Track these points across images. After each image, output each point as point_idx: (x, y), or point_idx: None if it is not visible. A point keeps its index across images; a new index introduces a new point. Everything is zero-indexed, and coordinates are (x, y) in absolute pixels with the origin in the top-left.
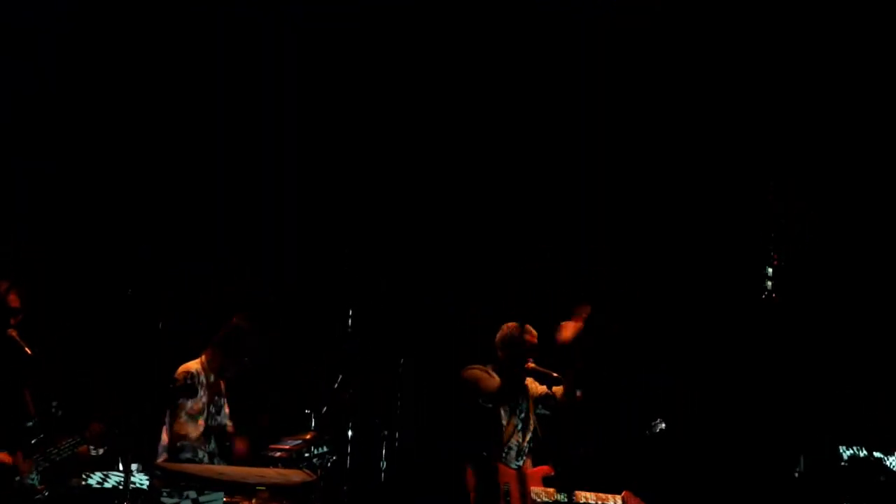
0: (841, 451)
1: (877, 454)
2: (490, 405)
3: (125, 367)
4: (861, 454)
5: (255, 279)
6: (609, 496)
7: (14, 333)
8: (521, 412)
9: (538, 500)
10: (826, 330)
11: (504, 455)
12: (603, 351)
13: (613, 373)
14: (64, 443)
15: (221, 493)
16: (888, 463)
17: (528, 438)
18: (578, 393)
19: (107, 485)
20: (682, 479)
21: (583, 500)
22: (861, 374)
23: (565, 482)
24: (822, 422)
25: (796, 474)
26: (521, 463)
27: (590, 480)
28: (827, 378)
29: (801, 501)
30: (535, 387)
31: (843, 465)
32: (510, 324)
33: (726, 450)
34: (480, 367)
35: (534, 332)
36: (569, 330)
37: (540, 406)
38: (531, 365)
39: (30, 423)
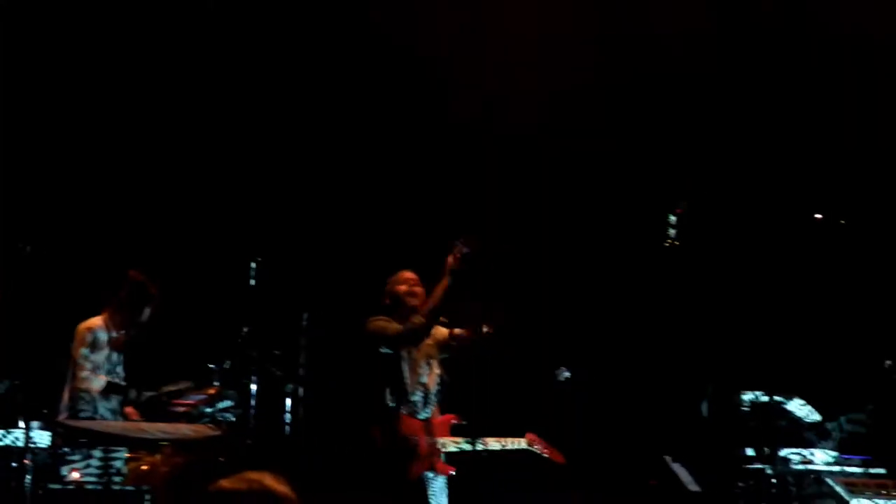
0: (742, 396)
1: (777, 398)
2: (391, 351)
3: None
4: (762, 399)
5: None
6: (514, 439)
7: None
8: (424, 360)
9: (446, 449)
10: (728, 276)
11: (410, 406)
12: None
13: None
14: None
15: (124, 449)
16: (788, 407)
17: (434, 386)
18: (486, 327)
19: (5, 442)
20: (584, 424)
21: (489, 446)
22: (761, 320)
23: (472, 429)
24: (723, 367)
25: (698, 419)
26: (428, 413)
27: (495, 426)
28: (727, 324)
29: (703, 446)
30: (439, 332)
31: (744, 410)
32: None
33: (629, 395)
34: (383, 317)
35: (407, 275)
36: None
37: (444, 352)
38: None
39: None
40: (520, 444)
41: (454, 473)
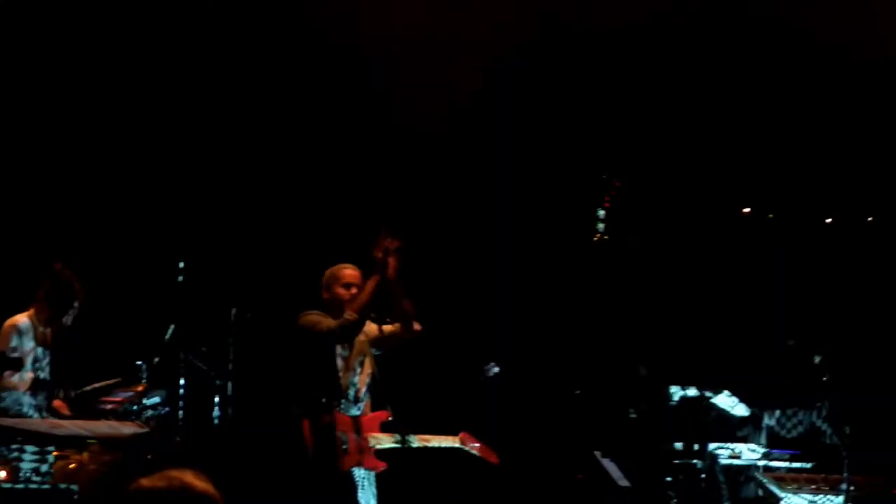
0: (672, 391)
1: (705, 393)
2: (326, 346)
3: None
4: (690, 394)
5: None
6: (447, 438)
7: None
8: (358, 356)
9: (377, 445)
10: (657, 271)
11: (342, 402)
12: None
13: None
14: None
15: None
16: (716, 402)
17: (366, 383)
18: (417, 325)
19: None
20: (517, 420)
21: (422, 443)
22: (690, 315)
23: (404, 426)
24: (654, 362)
25: (628, 415)
26: (360, 409)
27: (427, 424)
28: (657, 319)
29: (634, 442)
30: (370, 328)
31: (673, 405)
32: (332, 267)
33: (560, 391)
34: (316, 312)
35: (352, 266)
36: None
37: (377, 347)
38: None
39: None
40: (453, 442)
41: (385, 469)
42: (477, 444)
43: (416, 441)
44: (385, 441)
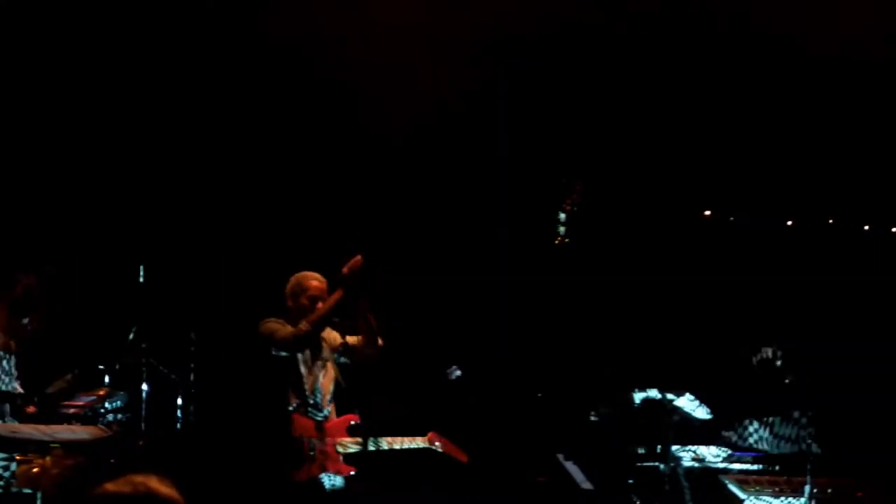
0: (634, 394)
1: (668, 396)
2: (285, 354)
3: None
4: (653, 396)
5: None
6: (415, 439)
7: None
8: (320, 362)
9: (344, 450)
10: (618, 274)
11: (308, 407)
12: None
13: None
14: None
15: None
16: (678, 404)
17: (330, 389)
18: (380, 340)
19: None
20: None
21: (390, 445)
22: (652, 318)
23: (371, 429)
24: (616, 366)
25: (592, 418)
26: (326, 414)
27: (394, 426)
28: (620, 322)
29: (596, 445)
30: (332, 336)
31: (636, 407)
32: (298, 274)
33: (525, 393)
34: (275, 319)
35: (319, 277)
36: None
37: (339, 355)
38: None
39: None
40: (420, 443)
41: (353, 474)
42: (445, 443)
43: (384, 443)
44: (352, 445)
